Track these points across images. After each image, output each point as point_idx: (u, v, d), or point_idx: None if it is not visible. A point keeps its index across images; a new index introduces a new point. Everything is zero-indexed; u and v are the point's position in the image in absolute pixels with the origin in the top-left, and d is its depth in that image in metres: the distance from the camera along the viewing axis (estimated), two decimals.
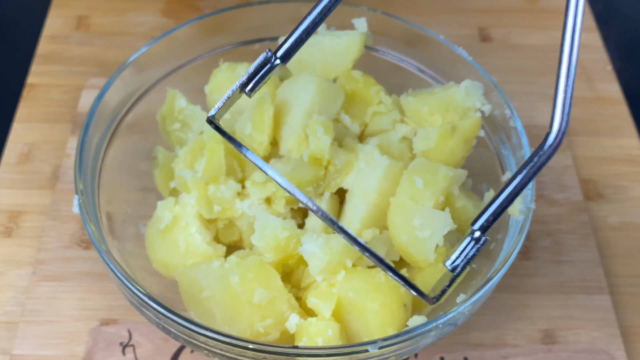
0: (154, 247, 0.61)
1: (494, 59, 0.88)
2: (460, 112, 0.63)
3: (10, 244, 0.69)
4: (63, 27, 0.89)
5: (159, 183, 0.65)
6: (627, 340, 0.65)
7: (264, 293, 0.54)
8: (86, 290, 0.66)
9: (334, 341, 0.53)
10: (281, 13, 0.69)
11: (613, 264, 0.70)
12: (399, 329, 0.54)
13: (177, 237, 0.60)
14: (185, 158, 0.63)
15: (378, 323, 0.54)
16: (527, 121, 0.78)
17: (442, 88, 0.65)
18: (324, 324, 0.54)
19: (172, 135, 0.67)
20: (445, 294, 0.48)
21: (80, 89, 0.81)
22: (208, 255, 0.59)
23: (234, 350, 0.51)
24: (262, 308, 0.55)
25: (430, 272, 0.57)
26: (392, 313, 0.54)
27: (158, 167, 0.65)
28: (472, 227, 0.49)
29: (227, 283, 0.55)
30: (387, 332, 0.54)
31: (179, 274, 0.58)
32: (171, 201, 0.61)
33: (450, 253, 0.49)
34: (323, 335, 0.53)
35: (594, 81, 0.86)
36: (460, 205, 0.59)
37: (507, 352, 0.63)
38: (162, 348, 0.62)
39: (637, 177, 0.77)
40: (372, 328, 0.54)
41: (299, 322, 0.55)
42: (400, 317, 0.55)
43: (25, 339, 0.62)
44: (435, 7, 0.93)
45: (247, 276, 0.55)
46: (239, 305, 0.54)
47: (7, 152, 0.76)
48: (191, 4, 0.93)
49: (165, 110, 0.66)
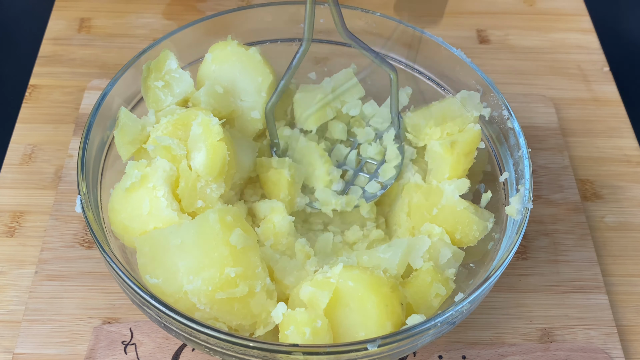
0: (116, 208, 0.58)
1: (492, 61, 0.88)
2: (459, 123, 0.64)
3: (13, 243, 0.70)
4: (65, 29, 0.89)
5: (119, 143, 0.61)
6: (624, 339, 0.66)
7: (242, 236, 0.54)
8: (88, 289, 0.66)
9: (322, 333, 0.52)
10: (281, 15, 0.70)
11: (610, 264, 0.71)
12: (396, 327, 0.54)
13: (142, 198, 0.57)
14: (167, 127, 0.60)
15: (378, 316, 0.53)
16: (524, 122, 0.79)
17: (439, 101, 0.66)
18: (313, 314, 0.53)
19: (150, 91, 0.64)
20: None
21: (83, 90, 0.82)
22: (171, 222, 0.57)
23: (234, 349, 0.51)
24: (237, 253, 0.53)
25: (419, 285, 0.58)
26: (392, 308, 0.54)
27: (118, 127, 0.61)
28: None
29: (202, 224, 0.54)
30: (385, 327, 0.53)
31: (141, 238, 0.55)
32: (144, 163, 0.59)
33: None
34: (311, 326, 0.52)
35: (591, 82, 0.87)
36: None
37: (505, 350, 0.64)
38: (163, 346, 0.62)
39: (633, 177, 0.78)
40: (371, 320, 0.53)
41: (285, 312, 0.54)
42: (397, 315, 0.54)
43: (28, 337, 0.63)
44: (433, 9, 0.94)
45: (226, 218, 0.54)
46: (212, 247, 0.53)
47: (10, 153, 0.76)
48: (192, 6, 0.93)
49: (154, 65, 0.64)
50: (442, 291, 0.57)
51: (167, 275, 0.54)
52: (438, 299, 0.57)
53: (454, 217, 0.61)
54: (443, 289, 0.57)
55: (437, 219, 0.62)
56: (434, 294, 0.57)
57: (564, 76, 0.88)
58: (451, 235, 0.61)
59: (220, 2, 0.93)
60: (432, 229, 0.61)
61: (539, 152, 0.78)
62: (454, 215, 0.61)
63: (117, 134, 0.61)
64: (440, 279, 0.58)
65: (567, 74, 0.88)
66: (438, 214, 0.62)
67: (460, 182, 0.62)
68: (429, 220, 0.62)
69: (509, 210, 0.59)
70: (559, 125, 0.81)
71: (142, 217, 0.57)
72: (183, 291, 0.53)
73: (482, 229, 0.61)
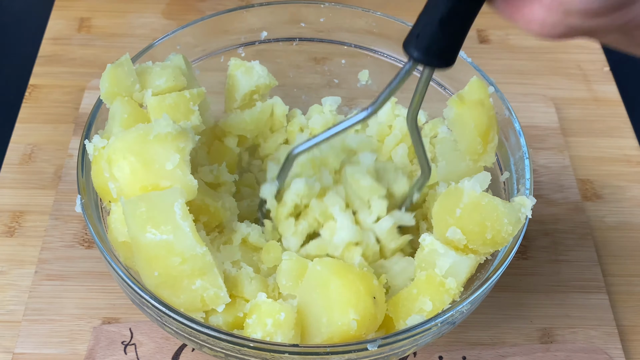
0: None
1: (492, 61, 0.88)
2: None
3: (13, 243, 0.70)
4: (65, 29, 0.89)
5: (106, 78, 0.58)
6: (625, 339, 0.66)
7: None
8: (88, 289, 0.66)
9: (285, 326, 0.51)
10: (282, 14, 0.70)
11: (610, 263, 0.71)
12: (362, 316, 0.51)
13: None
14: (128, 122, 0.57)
15: (339, 300, 0.51)
16: (525, 122, 0.79)
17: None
18: (277, 306, 0.52)
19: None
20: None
21: (83, 90, 0.82)
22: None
23: (234, 348, 0.51)
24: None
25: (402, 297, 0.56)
26: (357, 295, 0.51)
27: (114, 64, 0.59)
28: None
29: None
30: (347, 313, 0.51)
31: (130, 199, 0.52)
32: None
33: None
34: (274, 317, 0.51)
35: (592, 82, 0.87)
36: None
37: (505, 351, 0.64)
38: (163, 347, 0.62)
39: (634, 177, 0.78)
40: (332, 304, 0.51)
41: (257, 301, 0.53)
42: (365, 305, 0.51)
43: (28, 337, 0.63)
44: None
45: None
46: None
47: (9, 153, 0.76)
48: (192, 5, 0.93)
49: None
50: (428, 306, 0.53)
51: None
52: (422, 314, 0.54)
53: (480, 214, 0.53)
54: (429, 304, 0.53)
55: (461, 221, 0.54)
56: (417, 308, 0.54)
57: (565, 76, 0.88)
58: (482, 237, 0.54)
59: (220, 2, 0.93)
60: (455, 234, 0.54)
61: (540, 151, 0.78)
62: (479, 211, 0.53)
63: (110, 69, 0.58)
64: (432, 292, 0.54)
65: (568, 73, 0.88)
66: (462, 214, 0.54)
67: (481, 176, 0.55)
68: (454, 225, 0.54)
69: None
70: (559, 125, 0.81)
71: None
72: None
73: (514, 222, 0.53)
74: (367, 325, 0.52)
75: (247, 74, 0.67)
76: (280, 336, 0.51)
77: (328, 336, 0.51)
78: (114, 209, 0.55)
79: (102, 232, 0.56)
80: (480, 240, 0.54)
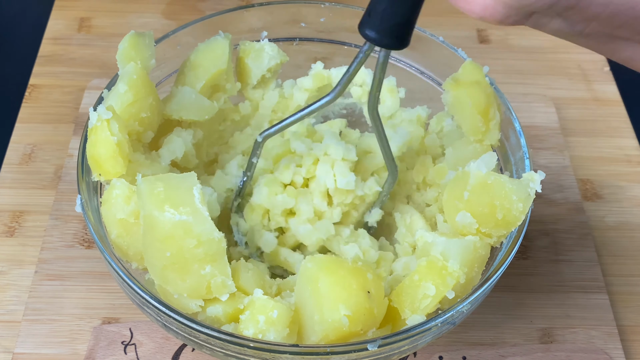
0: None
1: (492, 61, 0.88)
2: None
3: (13, 243, 0.70)
4: (65, 29, 0.89)
5: (127, 45, 0.59)
6: (625, 339, 0.66)
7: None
8: (88, 289, 0.66)
9: (278, 324, 0.50)
10: (282, 15, 0.70)
11: (610, 263, 0.71)
12: (355, 311, 0.50)
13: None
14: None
15: (328, 296, 0.50)
16: (525, 122, 0.79)
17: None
18: (271, 303, 0.51)
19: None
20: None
21: (83, 89, 0.82)
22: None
23: (234, 349, 0.51)
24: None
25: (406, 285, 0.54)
26: (348, 291, 0.50)
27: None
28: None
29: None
30: (338, 309, 0.50)
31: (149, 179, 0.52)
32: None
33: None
34: (267, 315, 0.50)
35: (592, 82, 0.87)
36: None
37: (506, 351, 0.64)
38: (163, 347, 0.62)
39: (634, 177, 0.78)
40: (322, 301, 0.50)
41: (253, 298, 0.52)
42: (359, 301, 0.50)
43: (28, 337, 0.63)
44: (434, 8, 0.94)
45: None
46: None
47: (9, 153, 0.76)
48: (192, 5, 0.93)
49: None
50: (431, 291, 0.52)
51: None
52: (427, 300, 0.52)
53: (488, 193, 0.52)
54: (432, 289, 0.52)
55: (470, 204, 0.53)
56: (421, 294, 0.52)
57: (565, 76, 0.88)
58: (493, 218, 0.52)
59: (220, 2, 0.93)
60: (464, 218, 0.53)
61: (540, 151, 0.78)
62: (487, 191, 0.52)
63: (133, 34, 0.58)
64: (434, 276, 0.52)
65: (568, 73, 0.88)
66: (470, 197, 0.53)
67: (487, 157, 0.53)
68: (463, 209, 0.53)
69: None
70: (559, 125, 0.81)
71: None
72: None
73: (524, 198, 0.51)
74: (362, 321, 0.51)
75: (257, 60, 0.67)
76: (273, 334, 0.50)
77: (323, 334, 0.51)
78: (117, 185, 0.54)
79: (102, 232, 0.56)
80: (492, 222, 0.52)
